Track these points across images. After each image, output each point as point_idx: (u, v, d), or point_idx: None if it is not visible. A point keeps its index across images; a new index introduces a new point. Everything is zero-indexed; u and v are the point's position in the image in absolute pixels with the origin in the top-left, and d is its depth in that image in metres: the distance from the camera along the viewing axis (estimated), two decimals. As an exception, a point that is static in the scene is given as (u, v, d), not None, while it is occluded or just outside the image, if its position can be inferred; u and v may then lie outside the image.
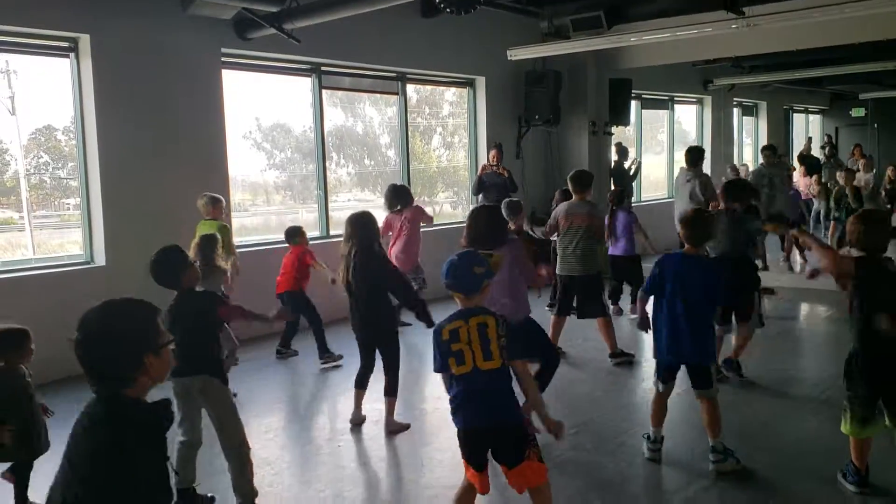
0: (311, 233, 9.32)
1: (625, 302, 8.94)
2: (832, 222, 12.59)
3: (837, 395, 4.86)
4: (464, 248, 4.52)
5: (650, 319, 4.72)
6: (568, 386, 6.40)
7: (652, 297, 4.68)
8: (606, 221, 8.52)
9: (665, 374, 4.68)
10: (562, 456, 4.84)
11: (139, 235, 7.30)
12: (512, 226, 7.08)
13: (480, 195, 10.14)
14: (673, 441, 5.15)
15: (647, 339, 8.12)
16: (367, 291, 5.29)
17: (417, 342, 7.61)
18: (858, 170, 14.08)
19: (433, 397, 6.17)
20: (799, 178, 14.57)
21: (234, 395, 5.59)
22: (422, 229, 8.44)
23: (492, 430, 3.39)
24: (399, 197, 8.34)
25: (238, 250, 8.14)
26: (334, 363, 7.19)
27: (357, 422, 5.52)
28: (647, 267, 8.83)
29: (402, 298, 5.46)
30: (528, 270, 5.05)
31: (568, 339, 7.29)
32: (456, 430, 3.52)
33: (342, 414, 5.70)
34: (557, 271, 7.00)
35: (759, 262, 8.52)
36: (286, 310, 5.37)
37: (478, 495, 3.58)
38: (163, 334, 2.20)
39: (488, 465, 3.45)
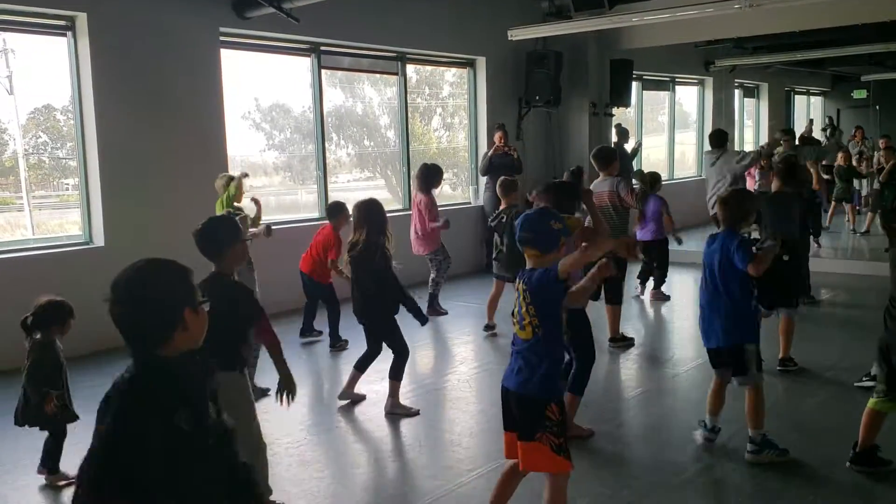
0: (311, 213, 9.35)
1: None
2: (833, 203, 12.56)
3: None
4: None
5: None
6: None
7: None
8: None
9: (712, 361, 4.55)
10: (561, 437, 4.85)
11: (138, 216, 7.31)
12: (504, 204, 7.08)
13: (487, 176, 10.14)
14: (675, 421, 5.18)
15: (647, 324, 8.20)
16: (369, 282, 5.27)
17: (416, 322, 7.62)
18: (865, 149, 14.06)
19: (432, 378, 6.18)
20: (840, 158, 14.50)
21: (266, 392, 5.54)
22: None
23: (511, 396, 3.31)
24: (432, 177, 8.29)
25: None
26: (341, 349, 7.16)
27: (345, 399, 5.57)
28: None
29: (393, 298, 5.37)
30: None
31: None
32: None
33: (337, 395, 5.71)
34: None
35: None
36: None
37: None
38: (199, 292, 2.14)
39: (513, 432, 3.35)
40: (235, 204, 6.69)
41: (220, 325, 3.71)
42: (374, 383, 5.98)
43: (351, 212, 5.54)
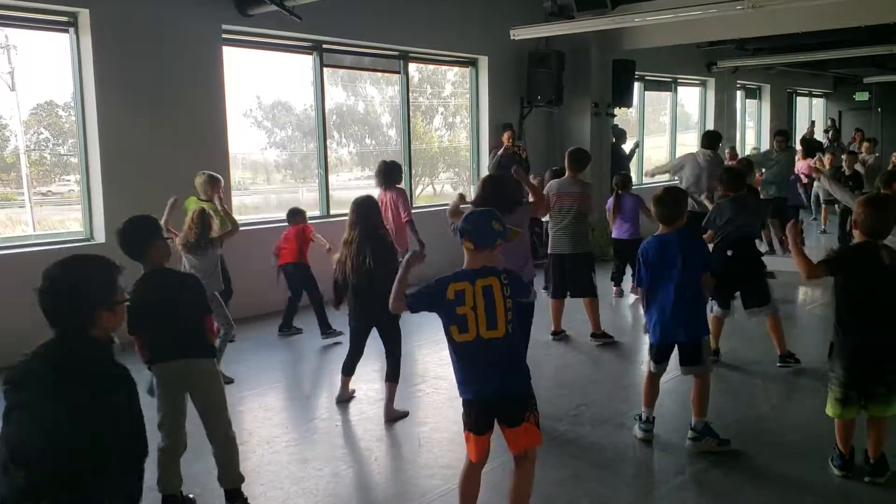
0: (312, 212, 9.31)
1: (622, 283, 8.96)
2: (824, 206, 12.54)
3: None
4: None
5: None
6: (568, 367, 6.42)
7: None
8: (611, 204, 8.53)
9: (658, 355, 4.70)
10: (562, 436, 4.86)
11: (139, 212, 7.27)
12: None
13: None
14: (673, 424, 5.17)
15: (634, 320, 8.19)
16: (371, 278, 5.14)
17: (412, 320, 7.60)
18: (861, 153, 14.03)
19: (430, 377, 6.19)
20: (799, 161, 14.53)
21: (230, 381, 5.60)
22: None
23: (498, 401, 3.40)
24: (392, 174, 8.21)
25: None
26: (335, 339, 7.21)
27: (343, 400, 5.58)
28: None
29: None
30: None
31: (567, 321, 7.28)
32: (460, 401, 3.52)
33: (336, 394, 5.71)
34: (549, 250, 7.02)
35: (764, 247, 8.53)
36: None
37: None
38: (119, 293, 2.35)
39: (488, 433, 3.47)
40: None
41: (175, 315, 3.86)
42: (375, 381, 5.98)
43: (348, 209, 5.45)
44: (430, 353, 6.87)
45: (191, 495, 4.12)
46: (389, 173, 7.76)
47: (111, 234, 7.18)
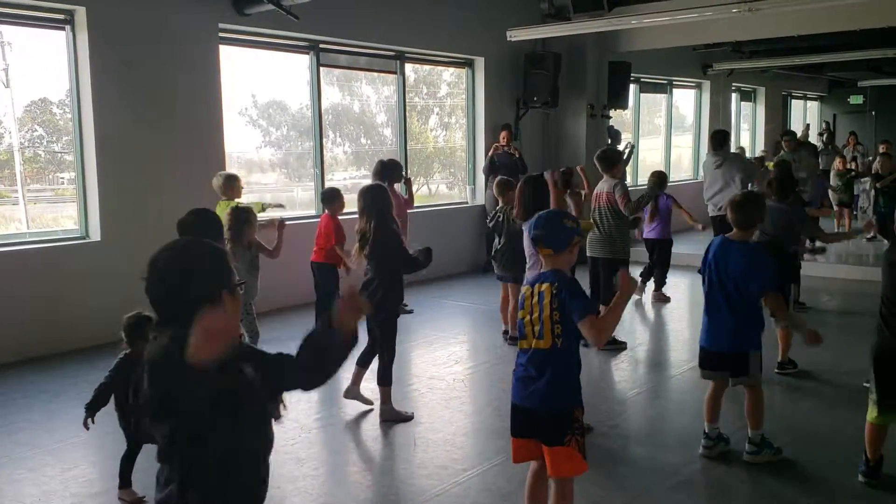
0: (307, 211, 9.33)
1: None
2: (837, 207, 12.55)
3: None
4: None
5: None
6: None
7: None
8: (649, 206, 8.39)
9: (707, 363, 4.53)
10: (555, 438, 4.86)
11: (135, 211, 7.29)
12: (500, 203, 7.09)
13: (490, 176, 10.17)
14: (668, 425, 5.19)
15: (646, 326, 8.21)
16: (381, 271, 5.08)
17: (412, 321, 7.62)
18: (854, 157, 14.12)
19: (427, 377, 6.18)
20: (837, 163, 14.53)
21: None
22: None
23: (531, 412, 3.23)
24: (392, 171, 8.16)
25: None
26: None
27: (351, 397, 5.43)
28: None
29: (413, 269, 5.22)
30: None
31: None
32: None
33: (338, 393, 5.71)
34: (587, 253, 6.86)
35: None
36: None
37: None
38: (235, 277, 2.11)
39: (530, 439, 3.29)
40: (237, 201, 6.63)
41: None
42: (370, 381, 5.98)
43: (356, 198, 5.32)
44: (426, 354, 6.88)
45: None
46: (383, 172, 7.81)
47: (106, 232, 7.21)
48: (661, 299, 8.77)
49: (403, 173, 8.44)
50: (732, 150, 11.09)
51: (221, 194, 6.74)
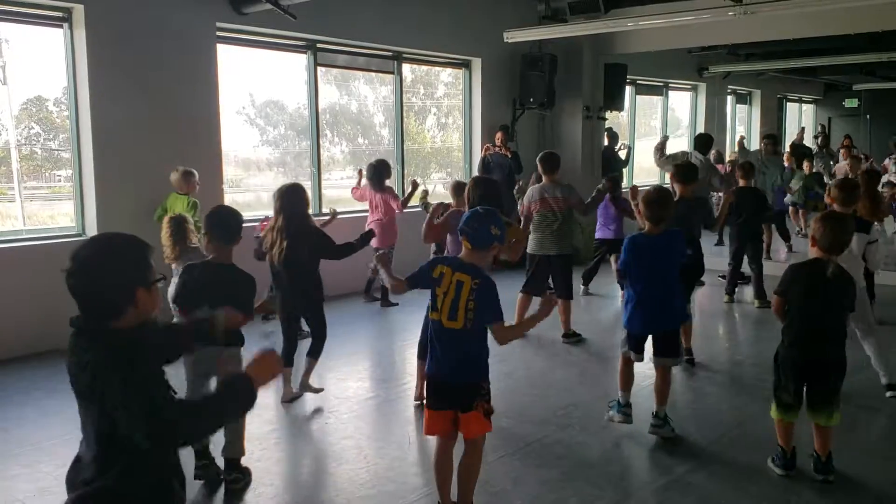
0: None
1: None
2: (792, 208, 12.59)
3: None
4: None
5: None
6: (549, 369, 6.45)
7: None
8: (603, 205, 8.54)
9: (637, 345, 4.94)
10: (550, 436, 4.90)
11: (131, 208, 7.30)
12: (454, 205, 7.13)
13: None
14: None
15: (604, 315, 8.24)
16: (300, 265, 5.30)
17: (399, 319, 7.64)
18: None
19: (416, 376, 6.20)
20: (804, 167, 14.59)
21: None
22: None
23: (447, 384, 3.63)
24: (384, 173, 8.47)
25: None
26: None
27: (288, 399, 5.54)
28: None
29: (348, 253, 5.47)
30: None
31: (547, 323, 7.31)
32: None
33: (329, 390, 5.74)
34: (530, 250, 7.05)
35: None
36: (263, 304, 4.82)
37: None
38: (154, 271, 2.23)
39: (443, 411, 3.65)
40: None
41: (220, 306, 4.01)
42: (365, 380, 6.01)
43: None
44: (413, 352, 6.89)
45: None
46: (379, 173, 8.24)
47: (103, 230, 7.21)
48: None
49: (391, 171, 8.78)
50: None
51: (177, 188, 7.07)
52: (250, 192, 9.96)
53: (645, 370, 5.43)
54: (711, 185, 9.35)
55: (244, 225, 4.38)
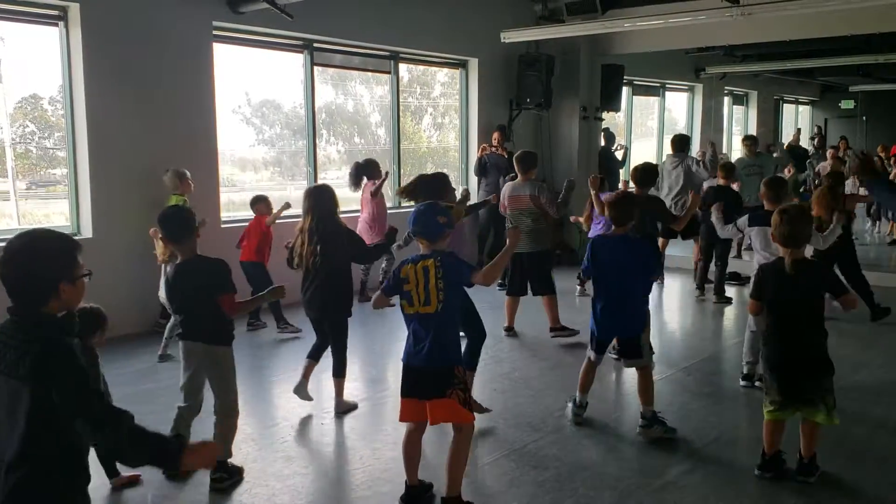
0: (300, 209, 9.28)
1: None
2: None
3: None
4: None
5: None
6: (545, 371, 6.44)
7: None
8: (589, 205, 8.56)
9: (599, 346, 5.02)
10: (546, 437, 4.89)
11: (127, 208, 7.28)
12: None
13: (482, 177, 10.22)
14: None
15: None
16: (329, 269, 5.14)
17: (392, 320, 7.59)
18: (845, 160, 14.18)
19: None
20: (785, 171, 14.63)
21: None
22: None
23: (421, 370, 3.77)
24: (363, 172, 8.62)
25: (224, 225, 8.18)
26: (293, 333, 7.31)
27: (299, 392, 5.43)
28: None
29: (379, 255, 5.47)
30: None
31: (532, 323, 7.30)
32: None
33: (325, 392, 5.71)
34: None
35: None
36: (279, 288, 4.55)
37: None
38: (80, 266, 2.41)
39: (416, 398, 3.81)
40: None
41: (191, 307, 4.16)
42: (359, 380, 5.99)
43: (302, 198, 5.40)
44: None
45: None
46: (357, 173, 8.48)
47: (98, 229, 7.20)
48: None
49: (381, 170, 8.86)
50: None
51: (172, 190, 7.09)
52: (246, 192, 9.94)
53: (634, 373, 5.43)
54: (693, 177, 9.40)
55: (195, 220, 4.33)
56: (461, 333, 4.70)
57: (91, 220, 7.20)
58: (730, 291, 8.97)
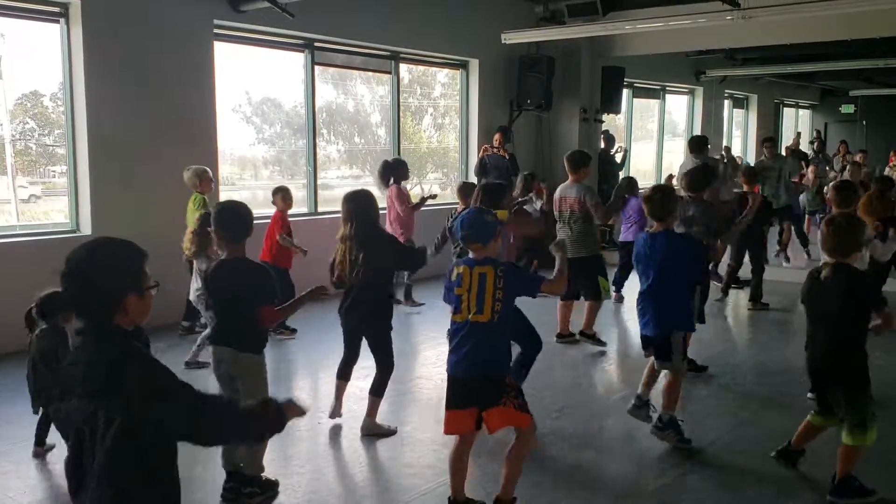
0: (299, 209, 9.31)
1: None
2: (808, 216, 12.64)
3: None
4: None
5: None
6: (546, 371, 6.43)
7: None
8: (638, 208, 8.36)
9: (643, 343, 4.94)
10: (543, 438, 4.88)
11: (126, 205, 7.28)
12: (461, 206, 7.09)
13: (482, 177, 10.19)
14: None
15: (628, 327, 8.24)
16: (371, 278, 4.82)
17: (403, 320, 7.60)
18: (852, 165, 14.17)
19: (413, 377, 6.19)
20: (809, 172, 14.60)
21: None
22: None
23: (472, 380, 3.63)
24: (387, 172, 8.34)
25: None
26: (288, 336, 7.25)
27: (336, 415, 5.21)
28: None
29: (419, 264, 5.18)
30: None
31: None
32: (443, 402, 3.67)
33: (320, 391, 5.71)
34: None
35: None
36: (320, 288, 4.23)
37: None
38: (148, 278, 2.23)
39: (465, 409, 3.65)
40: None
41: (225, 311, 3.99)
42: (359, 380, 5.98)
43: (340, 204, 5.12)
44: (413, 354, 6.89)
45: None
46: (385, 172, 8.05)
47: (97, 226, 7.19)
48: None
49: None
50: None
51: (192, 188, 7.00)
52: (246, 191, 9.94)
53: (628, 380, 5.41)
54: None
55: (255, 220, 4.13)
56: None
57: (90, 218, 7.19)
58: (732, 294, 8.99)
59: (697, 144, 9.68)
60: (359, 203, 4.88)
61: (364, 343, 5.13)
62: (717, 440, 4.90)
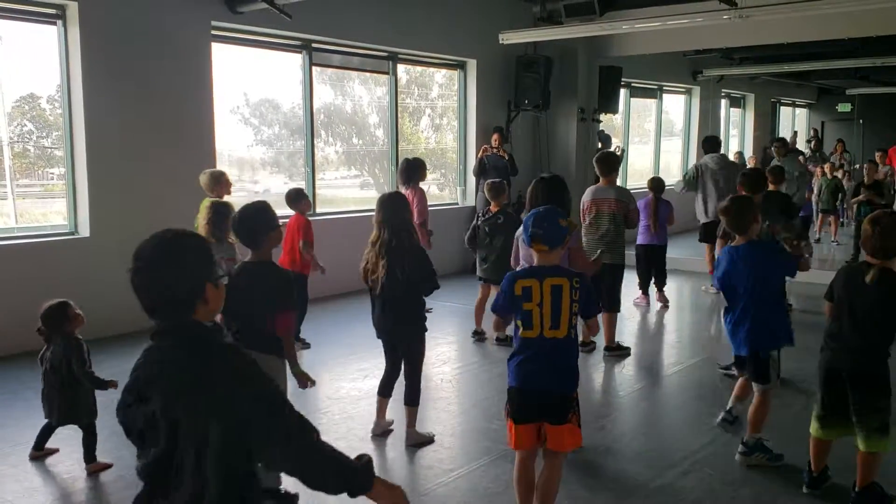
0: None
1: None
2: (821, 215, 12.67)
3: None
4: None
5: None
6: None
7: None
8: (644, 208, 8.29)
9: (736, 363, 4.70)
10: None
11: (124, 208, 7.27)
12: (494, 207, 7.10)
13: (480, 178, 10.20)
14: (654, 430, 5.22)
15: (642, 330, 8.25)
16: (404, 286, 4.67)
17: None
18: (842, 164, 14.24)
19: (428, 376, 6.18)
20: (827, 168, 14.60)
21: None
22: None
23: (545, 394, 3.48)
24: (414, 171, 7.85)
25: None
26: (302, 349, 7.06)
27: (381, 432, 5.05)
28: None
29: (428, 291, 4.86)
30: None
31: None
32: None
33: (322, 390, 5.71)
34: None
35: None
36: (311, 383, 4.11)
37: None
38: (218, 267, 2.15)
39: (534, 423, 3.51)
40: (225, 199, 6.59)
41: (260, 308, 3.85)
42: (358, 380, 5.99)
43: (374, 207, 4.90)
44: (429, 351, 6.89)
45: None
46: (407, 171, 7.67)
47: (95, 229, 7.19)
48: (663, 301, 8.80)
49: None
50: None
51: (209, 191, 6.61)
52: (244, 192, 9.93)
53: (629, 379, 5.39)
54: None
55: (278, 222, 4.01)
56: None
57: (88, 220, 7.19)
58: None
59: (712, 144, 9.69)
60: (392, 207, 4.73)
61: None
62: (716, 440, 4.90)
